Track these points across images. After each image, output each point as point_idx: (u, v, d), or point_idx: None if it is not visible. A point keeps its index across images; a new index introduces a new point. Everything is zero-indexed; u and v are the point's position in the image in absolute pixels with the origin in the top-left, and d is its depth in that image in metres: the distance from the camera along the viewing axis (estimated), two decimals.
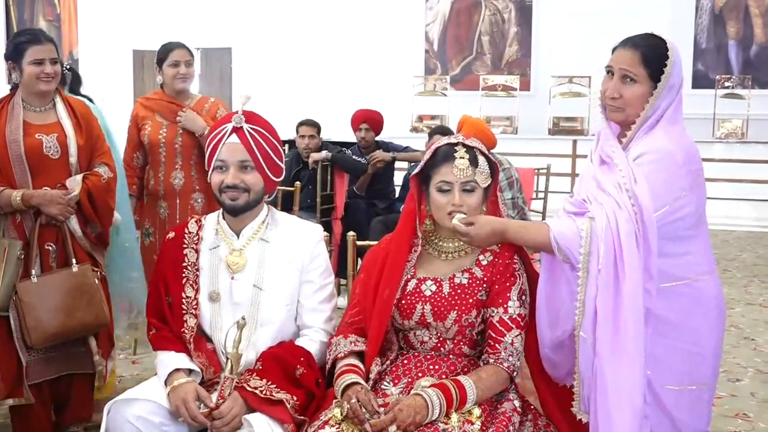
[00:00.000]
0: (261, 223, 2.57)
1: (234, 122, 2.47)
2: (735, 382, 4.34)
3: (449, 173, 2.31)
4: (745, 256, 8.13)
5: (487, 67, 15.02)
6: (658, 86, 2.28)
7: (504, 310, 2.30)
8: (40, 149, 3.19)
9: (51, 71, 3.20)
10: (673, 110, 2.32)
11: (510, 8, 14.87)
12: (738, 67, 13.79)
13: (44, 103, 3.27)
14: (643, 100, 2.30)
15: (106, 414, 2.31)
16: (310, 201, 5.99)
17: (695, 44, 13.89)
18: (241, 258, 2.53)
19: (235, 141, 2.46)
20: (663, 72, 2.27)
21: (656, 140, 2.27)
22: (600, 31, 13.88)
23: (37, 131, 3.21)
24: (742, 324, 5.53)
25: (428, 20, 15.21)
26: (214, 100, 4.12)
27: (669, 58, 2.28)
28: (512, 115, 14.06)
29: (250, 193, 2.48)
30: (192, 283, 2.53)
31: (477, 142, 2.37)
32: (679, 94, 2.34)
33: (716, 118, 13.09)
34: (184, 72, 3.99)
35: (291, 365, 2.37)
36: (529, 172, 6.07)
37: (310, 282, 2.55)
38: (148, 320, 2.59)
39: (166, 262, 2.59)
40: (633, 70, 2.29)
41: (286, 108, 13.36)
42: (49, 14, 17.40)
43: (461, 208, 2.30)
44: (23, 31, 3.34)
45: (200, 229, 2.60)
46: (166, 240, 2.64)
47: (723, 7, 13.79)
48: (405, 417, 2.10)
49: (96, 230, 3.37)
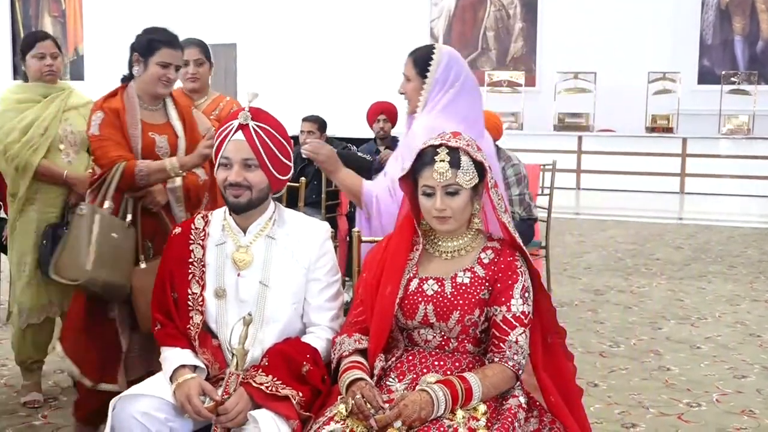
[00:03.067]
0: (268, 220, 2.56)
1: (240, 119, 2.45)
2: (741, 379, 4.33)
3: (430, 177, 2.30)
4: (750, 252, 8.11)
5: (492, 63, 15.02)
6: (426, 81, 2.97)
7: (507, 308, 2.29)
8: (152, 148, 3.21)
9: (174, 77, 3.24)
10: (448, 100, 2.95)
11: (515, 4, 14.85)
12: (744, 63, 13.76)
13: (156, 103, 3.29)
14: (417, 92, 2.99)
15: (111, 410, 2.32)
16: (315, 197, 5.99)
17: (701, 40, 13.87)
18: (248, 255, 2.52)
19: (240, 138, 2.45)
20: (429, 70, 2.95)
21: (416, 123, 2.96)
22: (605, 27, 13.90)
23: (150, 129, 3.23)
24: (747, 320, 5.52)
25: (433, 16, 15.20)
26: (229, 99, 4.10)
27: (434, 59, 2.97)
28: (517, 111, 14.05)
29: (252, 191, 2.47)
30: (198, 280, 2.52)
31: (464, 141, 2.33)
32: (455, 88, 2.96)
33: (722, 114, 13.06)
34: (194, 72, 3.99)
35: (297, 362, 2.37)
36: (534, 168, 6.05)
37: (316, 280, 2.54)
38: (153, 316, 2.58)
39: (171, 258, 2.58)
40: (406, 72, 3.05)
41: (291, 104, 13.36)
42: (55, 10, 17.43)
43: (444, 212, 2.29)
44: (159, 29, 3.31)
45: (207, 225, 2.59)
46: (172, 235, 2.64)
47: (729, 3, 13.75)
48: (410, 412, 2.09)
49: None
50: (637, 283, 6.66)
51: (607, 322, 5.44)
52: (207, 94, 4.07)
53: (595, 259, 7.72)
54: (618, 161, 12.64)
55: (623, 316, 5.59)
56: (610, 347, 4.88)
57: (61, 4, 17.35)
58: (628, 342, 4.99)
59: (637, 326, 5.36)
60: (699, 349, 4.86)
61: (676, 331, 5.24)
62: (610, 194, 12.38)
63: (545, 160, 6.66)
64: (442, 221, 2.32)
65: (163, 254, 2.68)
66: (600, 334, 5.15)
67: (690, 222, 10.08)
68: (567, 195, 11.88)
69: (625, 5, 13.86)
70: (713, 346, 4.93)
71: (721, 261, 7.63)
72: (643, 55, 13.58)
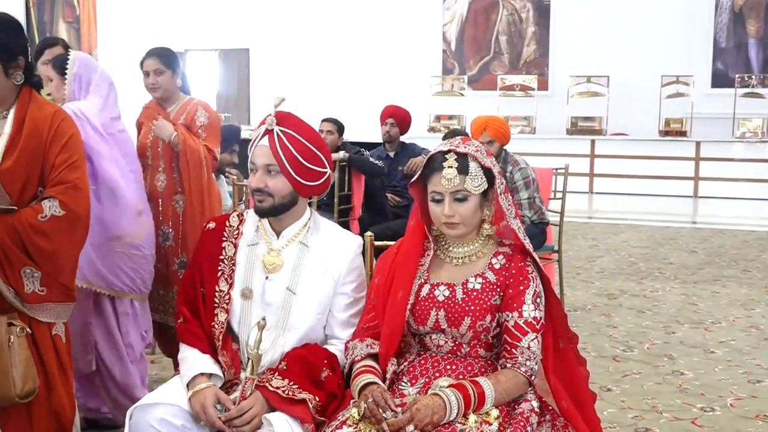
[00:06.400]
0: (303, 226, 2.55)
1: (267, 124, 2.44)
2: (755, 384, 4.31)
3: (438, 183, 2.30)
4: (765, 256, 8.07)
5: (504, 66, 15.00)
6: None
7: (519, 314, 2.28)
8: None
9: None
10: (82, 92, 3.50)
11: (528, 8, 14.84)
12: (758, 66, 13.69)
13: None
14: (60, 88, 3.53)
15: (128, 419, 2.32)
16: (326, 199, 6.01)
17: (714, 43, 13.82)
18: (278, 259, 2.51)
19: (264, 144, 2.44)
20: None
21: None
22: (618, 30, 13.87)
23: None
24: (762, 325, 5.49)
25: (446, 20, 15.20)
26: (195, 102, 4.13)
27: (69, 59, 3.51)
28: (530, 115, 14.03)
29: (275, 198, 2.45)
30: (227, 278, 2.51)
31: (473, 147, 2.32)
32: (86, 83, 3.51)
33: (736, 118, 13.00)
34: (153, 82, 4.01)
35: (317, 367, 2.37)
36: (547, 172, 6.05)
37: (343, 294, 2.52)
38: (178, 309, 2.58)
39: (203, 253, 2.57)
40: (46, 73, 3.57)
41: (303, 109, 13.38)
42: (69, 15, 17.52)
43: (452, 218, 2.30)
44: None
45: (241, 224, 2.59)
46: (205, 230, 2.62)
47: (743, 6, 13.69)
48: (422, 416, 2.10)
49: (34, 277, 2.66)
50: (651, 287, 6.64)
51: (620, 327, 5.42)
52: (176, 101, 4.10)
53: (608, 263, 7.69)
54: (631, 165, 12.60)
55: (637, 321, 5.58)
56: (624, 351, 4.87)
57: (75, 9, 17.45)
58: (641, 346, 4.98)
59: (651, 330, 5.34)
60: (713, 354, 4.84)
61: (690, 336, 5.22)
62: (624, 198, 12.34)
63: (558, 164, 6.64)
64: (451, 227, 2.32)
65: (194, 249, 2.66)
66: (613, 339, 5.14)
67: (704, 226, 10.03)
68: (580, 199, 11.85)
69: (638, 8, 13.82)
70: (727, 350, 4.91)
71: (735, 265, 7.59)
72: (656, 59, 13.54)
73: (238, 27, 16.13)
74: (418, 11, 15.04)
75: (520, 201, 5.12)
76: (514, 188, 5.13)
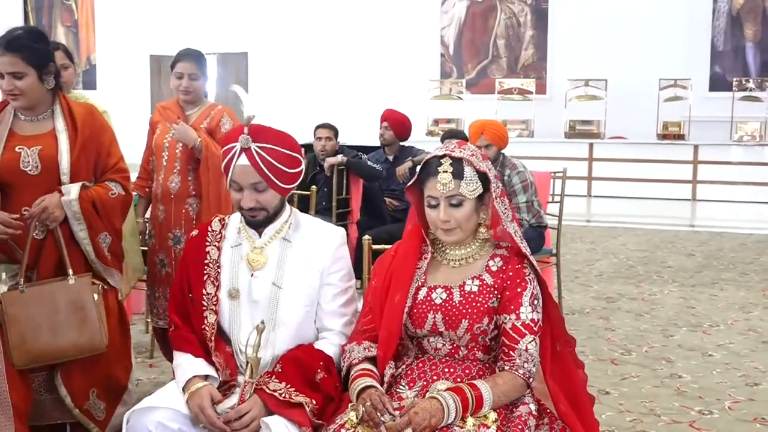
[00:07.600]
0: (284, 223, 2.58)
1: (241, 143, 2.45)
2: (753, 387, 4.31)
3: (434, 188, 2.30)
4: (763, 259, 8.07)
5: (502, 70, 15.01)
6: None
7: (516, 316, 2.29)
8: (14, 163, 2.91)
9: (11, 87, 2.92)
10: None
11: (526, 12, 14.86)
12: (756, 69, 13.71)
13: (36, 113, 3.02)
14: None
15: (125, 423, 2.33)
16: (325, 203, 6.01)
17: (712, 46, 13.84)
18: (262, 256, 2.54)
19: (244, 163, 2.45)
20: None
21: None
22: (616, 34, 13.89)
23: (18, 143, 2.94)
24: (760, 328, 5.49)
25: (444, 24, 15.22)
26: (220, 108, 4.12)
27: None
28: (528, 119, 14.04)
29: (268, 210, 2.51)
30: (213, 280, 2.55)
31: (468, 152, 2.32)
32: None
33: (734, 121, 13.01)
34: (186, 85, 3.99)
35: (311, 369, 2.38)
36: (545, 176, 6.05)
37: (330, 285, 2.55)
38: (170, 317, 2.62)
39: (189, 260, 2.61)
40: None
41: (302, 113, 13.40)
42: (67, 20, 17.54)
43: (448, 223, 2.30)
44: None
45: (223, 228, 2.63)
46: (190, 238, 2.68)
47: (740, 9, 13.71)
48: (420, 420, 2.10)
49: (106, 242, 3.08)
50: (649, 290, 6.64)
51: (618, 330, 5.42)
52: (199, 104, 4.09)
53: (607, 266, 7.70)
54: (629, 168, 12.61)
55: (635, 324, 5.58)
56: (622, 355, 4.87)
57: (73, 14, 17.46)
58: (639, 349, 4.98)
59: (649, 333, 5.34)
60: (711, 357, 4.84)
61: (688, 339, 5.22)
62: (622, 201, 12.35)
63: (556, 167, 6.65)
64: (448, 232, 2.33)
65: (181, 257, 2.70)
66: (611, 342, 5.14)
67: (702, 229, 10.04)
68: (578, 202, 11.85)
69: (636, 12, 13.85)
70: (725, 353, 4.91)
71: (733, 268, 7.60)
72: (654, 62, 13.56)
73: (236, 31, 16.14)
74: (417, 15, 15.06)
75: (518, 204, 5.13)
76: (512, 192, 5.14)
